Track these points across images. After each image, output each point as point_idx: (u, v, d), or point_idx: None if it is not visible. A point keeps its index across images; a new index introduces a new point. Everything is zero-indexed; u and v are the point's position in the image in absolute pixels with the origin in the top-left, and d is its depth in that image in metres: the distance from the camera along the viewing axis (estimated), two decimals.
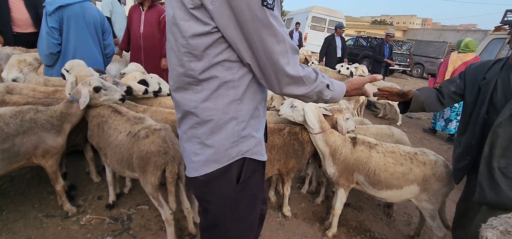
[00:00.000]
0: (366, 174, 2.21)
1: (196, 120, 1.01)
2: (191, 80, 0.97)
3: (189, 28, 0.89)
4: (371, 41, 15.39)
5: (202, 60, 0.93)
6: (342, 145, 2.25)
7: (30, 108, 1.98)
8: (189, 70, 0.95)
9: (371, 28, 50.70)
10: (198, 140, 1.03)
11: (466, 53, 5.09)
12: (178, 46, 0.95)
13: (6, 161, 1.85)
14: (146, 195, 2.66)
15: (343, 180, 2.29)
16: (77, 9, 2.93)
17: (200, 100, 0.97)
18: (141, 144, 1.94)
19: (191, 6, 0.87)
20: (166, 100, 2.91)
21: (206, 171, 1.04)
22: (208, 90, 0.96)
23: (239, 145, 1.03)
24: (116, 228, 2.27)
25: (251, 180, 1.11)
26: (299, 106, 2.25)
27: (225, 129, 1.00)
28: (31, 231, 2.13)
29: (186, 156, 1.10)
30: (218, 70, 0.94)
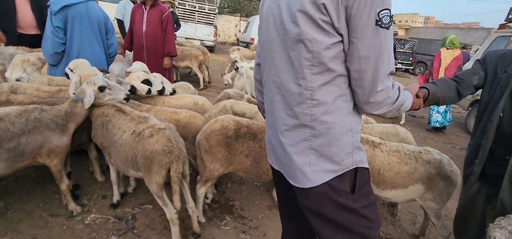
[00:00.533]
0: (370, 173, 2.19)
1: (312, 133, 1.03)
2: (307, 94, 1.00)
3: (319, 41, 0.93)
4: None
5: (323, 74, 0.98)
6: None
7: (35, 107, 1.98)
8: (309, 83, 0.99)
9: None
10: (314, 151, 1.04)
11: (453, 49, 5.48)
12: (300, 61, 0.98)
13: (12, 161, 1.86)
14: (150, 194, 2.66)
15: None
16: (81, 8, 2.94)
17: (319, 114, 1.00)
18: (145, 143, 1.94)
19: (321, 20, 0.91)
20: (169, 100, 2.91)
21: (322, 180, 1.04)
22: (326, 105, 1.00)
23: (354, 155, 1.06)
24: (120, 227, 2.27)
25: (364, 188, 1.11)
26: None
27: (342, 141, 1.03)
28: (37, 231, 2.13)
29: (295, 167, 1.09)
30: (337, 84, 0.99)
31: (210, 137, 2.18)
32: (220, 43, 19.48)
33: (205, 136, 2.20)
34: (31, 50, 3.68)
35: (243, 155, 2.23)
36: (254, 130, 2.27)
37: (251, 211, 2.69)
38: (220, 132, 2.18)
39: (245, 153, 2.23)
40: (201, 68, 6.95)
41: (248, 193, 2.97)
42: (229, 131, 2.20)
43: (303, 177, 1.07)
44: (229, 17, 22.45)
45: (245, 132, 2.24)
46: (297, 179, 1.09)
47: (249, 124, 2.30)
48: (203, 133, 2.24)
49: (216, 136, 2.17)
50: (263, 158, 2.26)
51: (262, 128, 2.31)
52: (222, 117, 2.31)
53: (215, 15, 13.13)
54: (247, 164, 2.25)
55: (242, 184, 3.09)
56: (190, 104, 2.94)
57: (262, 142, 2.25)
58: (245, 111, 2.81)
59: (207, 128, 2.25)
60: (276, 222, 2.59)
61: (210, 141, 2.17)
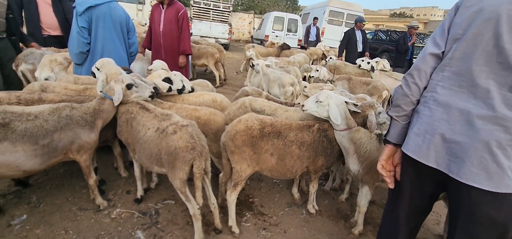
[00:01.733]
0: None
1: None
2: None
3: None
4: (390, 34, 14.92)
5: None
6: (367, 142, 2.17)
7: (66, 105, 2.06)
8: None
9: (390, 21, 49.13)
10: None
11: None
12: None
13: (47, 156, 1.95)
14: (172, 190, 2.72)
15: (368, 178, 2.23)
16: (104, 9, 3.03)
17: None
18: (169, 139, 1.98)
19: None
20: (189, 97, 2.95)
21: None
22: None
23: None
24: (145, 222, 2.34)
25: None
26: (324, 101, 2.19)
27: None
28: (67, 223, 2.23)
29: (498, 169, 1.09)
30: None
31: (235, 137, 2.16)
32: (234, 40, 19.54)
33: (230, 137, 2.18)
34: (59, 50, 3.83)
35: (268, 153, 2.21)
36: (278, 127, 2.26)
37: (270, 208, 2.70)
38: (245, 132, 2.16)
39: (270, 151, 2.21)
40: (217, 66, 7.00)
41: (267, 190, 2.98)
42: (254, 131, 2.18)
43: (504, 181, 1.07)
44: (243, 14, 22.47)
45: (270, 130, 2.22)
46: (493, 182, 1.09)
47: (273, 122, 2.28)
48: (227, 134, 2.22)
49: (241, 136, 2.15)
50: (287, 155, 2.24)
51: (286, 125, 2.29)
52: (246, 116, 2.28)
53: (229, 13, 13.16)
54: (273, 163, 2.24)
55: (261, 181, 3.10)
56: (209, 102, 2.97)
57: (287, 139, 2.23)
58: (264, 108, 2.78)
59: (231, 128, 2.22)
60: (296, 219, 2.58)
61: (236, 142, 2.15)
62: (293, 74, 4.82)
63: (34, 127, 1.89)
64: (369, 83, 5.16)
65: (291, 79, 4.31)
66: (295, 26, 14.32)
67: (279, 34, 13.94)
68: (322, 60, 9.31)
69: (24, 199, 2.44)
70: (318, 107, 2.24)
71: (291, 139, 2.25)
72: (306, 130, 2.33)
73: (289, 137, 2.25)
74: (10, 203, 2.38)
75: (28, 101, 2.28)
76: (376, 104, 2.37)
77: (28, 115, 1.90)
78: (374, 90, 4.89)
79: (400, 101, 1.42)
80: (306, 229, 2.48)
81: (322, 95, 2.22)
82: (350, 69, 6.32)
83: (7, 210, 2.29)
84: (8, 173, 1.88)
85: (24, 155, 1.85)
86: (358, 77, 5.53)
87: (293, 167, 2.29)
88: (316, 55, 9.35)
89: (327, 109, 2.18)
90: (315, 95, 2.31)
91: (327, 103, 2.18)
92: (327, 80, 5.38)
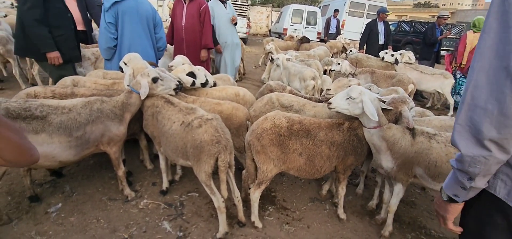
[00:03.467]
0: (426, 166, 2.03)
1: None
2: None
3: None
4: (415, 25, 14.28)
5: None
6: (401, 138, 2.05)
7: (96, 99, 2.15)
8: None
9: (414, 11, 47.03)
10: None
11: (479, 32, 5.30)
12: None
13: (80, 148, 2.04)
14: (195, 182, 2.78)
15: (402, 175, 2.12)
16: (131, 4, 3.09)
17: None
18: (194, 133, 2.00)
19: None
20: (212, 91, 2.97)
21: None
22: None
23: None
24: (170, 213, 2.40)
25: None
26: (357, 98, 2.03)
27: None
28: (98, 213, 2.33)
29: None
30: None
31: (261, 136, 2.08)
32: (252, 34, 19.48)
33: (257, 136, 2.10)
34: (87, 46, 3.98)
35: (297, 153, 2.13)
36: (307, 126, 2.17)
37: (293, 202, 2.68)
38: (272, 130, 2.09)
39: (298, 151, 2.13)
40: None
41: (289, 184, 2.96)
42: (281, 129, 2.10)
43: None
44: (261, 8, 22.32)
45: (298, 128, 2.14)
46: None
47: (301, 120, 2.20)
48: (253, 133, 2.14)
49: (268, 135, 2.08)
50: (317, 155, 2.16)
51: (315, 124, 2.21)
52: (272, 114, 2.21)
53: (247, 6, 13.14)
54: (301, 163, 2.16)
55: (282, 176, 3.09)
56: (232, 95, 2.99)
57: (316, 138, 2.15)
58: (293, 103, 2.69)
59: (257, 127, 2.14)
60: (319, 214, 2.55)
61: (262, 141, 2.08)
62: (314, 67, 4.74)
63: (68, 119, 1.98)
64: (394, 76, 4.97)
65: (312, 73, 4.24)
66: (314, 18, 14.04)
67: (297, 27, 13.74)
68: (342, 53, 9.09)
69: (59, 189, 2.57)
70: (349, 105, 2.07)
71: (321, 138, 2.16)
72: (336, 128, 2.22)
73: (318, 136, 2.16)
74: (46, 192, 2.52)
75: (62, 95, 2.39)
76: (408, 99, 2.21)
77: (63, 109, 2.00)
78: (399, 84, 4.70)
79: (493, 169, 0.94)
80: (330, 224, 2.44)
81: (355, 91, 2.06)
82: (372, 62, 6.12)
83: (44, 198, 2.43)
84: (46, 163, 1.99)
85: (59, 146, 1.95)
86: (382, 70, 5.35)
87: (322, 167, 2.22)
88: (336, 48, 9.13)
89: (360, 106, 2.02)
90: (344, 91, 2.16)
91: (360, 100, 2.02)
92: (349, 73, 5.25)
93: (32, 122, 1.87)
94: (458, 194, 1.04)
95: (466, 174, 0.97)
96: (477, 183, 0.96)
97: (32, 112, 1.88)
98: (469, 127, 0.91)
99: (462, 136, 0.94)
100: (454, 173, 1.02)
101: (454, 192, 1.05)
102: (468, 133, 0.92)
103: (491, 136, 0.87)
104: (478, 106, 0.88)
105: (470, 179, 0.97)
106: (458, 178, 1.00)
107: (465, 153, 0.93)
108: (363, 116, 2.09)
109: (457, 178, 1.01)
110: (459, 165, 0.98)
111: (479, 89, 0.89)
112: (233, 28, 5.20)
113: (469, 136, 0.92)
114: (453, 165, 1.01)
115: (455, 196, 1.05)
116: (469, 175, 0.96)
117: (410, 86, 4.76)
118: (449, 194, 1.07)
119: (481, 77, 0.88)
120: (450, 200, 1.08)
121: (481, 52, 0.89)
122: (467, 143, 0.93)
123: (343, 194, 2.44)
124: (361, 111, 2.04)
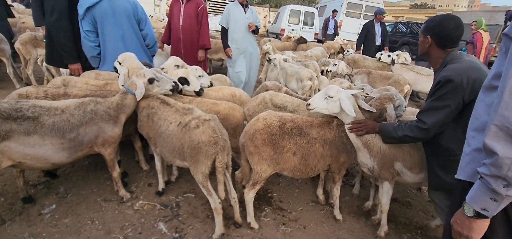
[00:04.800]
0: (403, 159, 2.10)
1: None
2: None
3: None
4: (411, 26, 14.37)
5: None
6: (372, 136, 2.08)
7: (90, 100, 2.12)
8: None
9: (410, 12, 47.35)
10: None
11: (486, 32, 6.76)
12: None
13: (73, 149, 2.02)
14: (191, 183, 2.76)
15: (385, 172, 2.14)
16: (105, 5, 2.91)
17: None
18: (192, 133, 1.99)
19: None
20: (208, 91, 2.96)
21: None
22: None
23: None
24: (166, 214, 2.38)
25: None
26: (335, 96, 2.07)
27: None
28: (93, 214, 2.31)
29: None
30: None
31: (254, 137, 2.09)
32: None
33: (249, 137, 2.11)
34: None
35: (291, 152, 2.14)
36: (299, 124, 2.18)
37: (289, 203, 2.68)
38: (264, 130, 2.09)
39: (292, 150, 2.14)
40: None
41: (285, 185, 2.96)
42: (273, 128, 2.11)
43: None
44: (258, 8, 22.25)
45: (291, 127, 2.15)
46: None
47: (294, 119, 2.20)
48: (246, 134, 2.15)
49: (260, 135, 2.09)
50: (311, 154, 2.17)
51: (308, 122, 2.22)
52: (264, 114, 2.21)
53: None
54: (295, 162, 2.17)
55: (279, 176, 3.08)
56: (228, 96, 2.97)
57: (309, 136, 2.17)
58: (286, 104, 2.69)
59: (249, 128, 2.15)
60: (315, 215, 2.55)
61: (255, 141, 2.09)
62: (311, 68, 4.73)
63: (61, 121, 1.96)
64: (390, 77, 4.99)
65: (309, 73, 4.23)
66: (311, 19, 14.05)
67: (295, 28, 13.74)
68: (339, 54, 9.11)
69: (53, 189, 2.54)
70: (328, 104, 2.10)
71: (314, 136, 2.18)
72: (327, 126, 2.25)
73: (312, 134, 2.18)
74: (40, 193, 2.49)
75: (55, 95, 2.36)
76: (396, 96, 2.27)
77: (55, 110, 1.97)
78: (395, 84, 4.72)
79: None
80: (326, 225, 2.44)
81: (332, 90, 2.10)
82: (369, 63, 6.14)
83: (38, 199, 2.40)
84: (38, 165, 1.96)
85: (52, 148, 1.92)
86: (378, 71, 5.37)
87: (316, 166, 2.23)
88: (334, 49, 9.15)
89: (338, 104, 2.07)
90: (322, 91, 2.18)
91: (338, 98, 2.07)
92: (346, 74, 5.26)
93: (23, 123, 1.83)
94: (487, 207, 0.94)
95: (503, 180, 0.89)
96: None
97: (24, 113, 1.85)
98: (507, 128, 0.86)
99: (500, 137, 0.87)
100: (484, 182, 0.93)
101: (483, 205, 0.95)
102: (506, 134, 0.86)
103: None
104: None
105: (507, 186, 0.88)
106: (491, 187, 0.91)
107: (504, 155, 0.86)
108: (341, 114, 2.13)
109: (489, 187, 0.92)
110: (495, 171, 0.89)
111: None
112: (250, 35, 4.66)
113: (507, 137, 0.86)
114: (484, 172, 0.93)
115: (483, 210, 0.95)
116: (507, 180, 0.88)
117: (406, 87, 4.78)
118: (477, 209, 0.97)
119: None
120: (477, 215, 0.98)
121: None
122: (507, 144, 0.86)
123: (338, 194, 2.45)
124: (339, 109, 2.10)
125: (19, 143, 1.83)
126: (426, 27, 1.89)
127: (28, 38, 4.58)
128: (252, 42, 4.73)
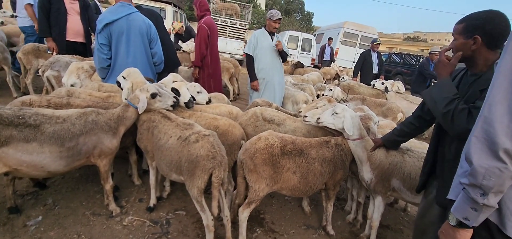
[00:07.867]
0: (402, 178, 2.20)
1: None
2: None
3: None
4: (405, 57, 14.85)
5: None
6: (377, 149, 2.26)
7: (92, 110, 2.14)
8: None
9: (403, 44, 49.03)
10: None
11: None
12: None
13: (71, 159, 2.00)
14: (183, 200, 2.72)
15: (380, 187, 2.26)
16: (122, 24, 3.05)
17: None
18: (191, 147, 2.00)
19: None
20: (206, 108, 2.99)
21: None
22: None
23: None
24: (155, 231, 2.33)
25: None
26: (341, 113, 2.31)
27: None
28: (80, 228, 2.25)
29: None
30: None
31: (255, 156, 2.12)
32: None
33: (250, 155, 2.13)
34: (84, 59, 4.00)
35: (291, 172, 2.19)
36: (299, 145, 2.26)
37: (282, 225, 2.64)
38: (266, 150, 2.13)
39: (292, 170, 2.19)
40: (232, 81, 7.11)
41: (278, 206, 2.93)
42: (274, 149, 2.15)
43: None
44: None
45: (291, 148, 2.21)
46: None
47: (294, 140, 2.28)
48: (246, 151, 2.17)
49: (261, 154, 2.12)
50: (310, 173, 2.24)
51: (306, 142, 2.31)
52: (265, 134, 2.26)
53: (245, 30, 13.45)
54: (295, 181, 2.21)
55: (272, 197, 3.06)
56: (225, 113, 3.00)
57: (309, 156, 2.24)
58: (274, 118, 2.84)
59: (250, 146, 2.18)
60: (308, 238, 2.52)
61: (255, 160, 2.11)
62: (308, 92, 4.83)
63: (61, 129, 1.96)
64: (384, 105, 5.10)
65: (305, 97, 4.31)
66: (309, 45, 14.48)
67: (293, 53, 14.10)
68: (335, 80, 9.31)
69: (41, 201, 2.48)
70: (334, 119, 2.34)
71: (313, 156, 2.25)
72: (325, 145, 2.34)
73: (311, 154, 2.25)
74: (27, 204, 2.42)
75: (57, 105, 2.38)
76: (373, 115, 2.62)
77: (57, 119, 1.98)
78: (389, 112, 4.82)
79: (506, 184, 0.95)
80: None
81: (339, 108, 2.35)
82: (364, 90, 6.28)
83: (24, 210, 2.34)
84: (33, 173, 1.93)
85: (50, 156, 1.91)
86: (372, 98, 5.49)
87: (315, 184, 2.28)
88: (330, 75, 9.36)
89: (343, 121, 2.29)
90: (331, 108, 2.41)
91: (343, 115, 2.30)
92: (341, 100, 5.36)
93: (24, 130, 1.83)
94: (468, 217, 1.01)
95: (479, 189, 0.95)
96: (490, 200, 0.95)
97: (26, 120, 1.85)
98: (485, 139, 0.93)
99: (477, 148, 0.95)
100: (465, 192, 1.00)
101: (464, 215, 1.01)
102: (483, 145, 0.93)
103: (506, 147, 0.89)
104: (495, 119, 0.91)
105: (483, 195, 0.95)
106: (470, 195, 0.98)
107: (478, 164, 0.93)
108: (345, 130, 2.30)
109: (468, 196, 0.99)
110: (472, 179, 0.96)
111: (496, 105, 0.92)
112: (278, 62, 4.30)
113: (484, 147, 0.93)
114: (464, 182, 1.00)
115: (465, 219, 1.02)
116: (483, 189, 0.94)
117: (399, 114, 4.87)
118: (459, 217, 1.03)
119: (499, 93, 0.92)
120: (460, 225, 1.04)
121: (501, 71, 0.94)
122: (481, 154, 0.93)
123: (331, 210, 2.55)
124: (342, 125, 2.31)
125: (18, 149, 1.82)
126: (469, 26, 1.47)
127: (30, 48, 4.62)
128: (279, 70, 4.35)
